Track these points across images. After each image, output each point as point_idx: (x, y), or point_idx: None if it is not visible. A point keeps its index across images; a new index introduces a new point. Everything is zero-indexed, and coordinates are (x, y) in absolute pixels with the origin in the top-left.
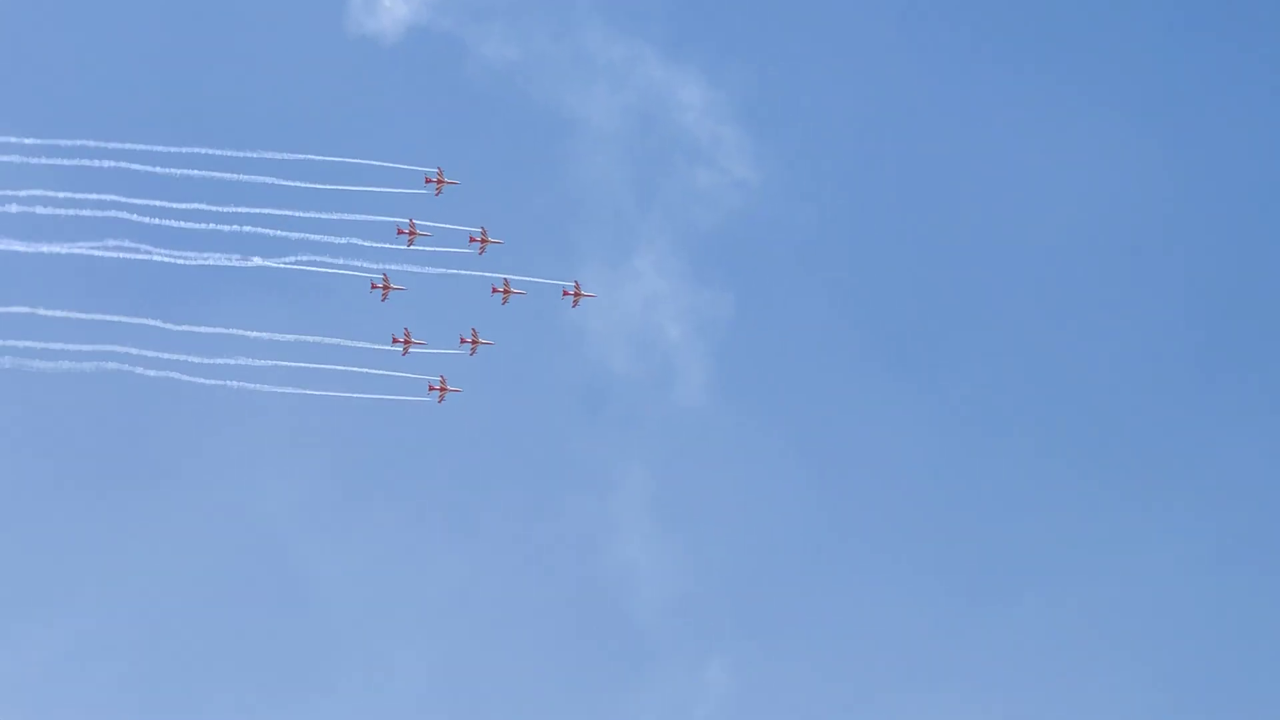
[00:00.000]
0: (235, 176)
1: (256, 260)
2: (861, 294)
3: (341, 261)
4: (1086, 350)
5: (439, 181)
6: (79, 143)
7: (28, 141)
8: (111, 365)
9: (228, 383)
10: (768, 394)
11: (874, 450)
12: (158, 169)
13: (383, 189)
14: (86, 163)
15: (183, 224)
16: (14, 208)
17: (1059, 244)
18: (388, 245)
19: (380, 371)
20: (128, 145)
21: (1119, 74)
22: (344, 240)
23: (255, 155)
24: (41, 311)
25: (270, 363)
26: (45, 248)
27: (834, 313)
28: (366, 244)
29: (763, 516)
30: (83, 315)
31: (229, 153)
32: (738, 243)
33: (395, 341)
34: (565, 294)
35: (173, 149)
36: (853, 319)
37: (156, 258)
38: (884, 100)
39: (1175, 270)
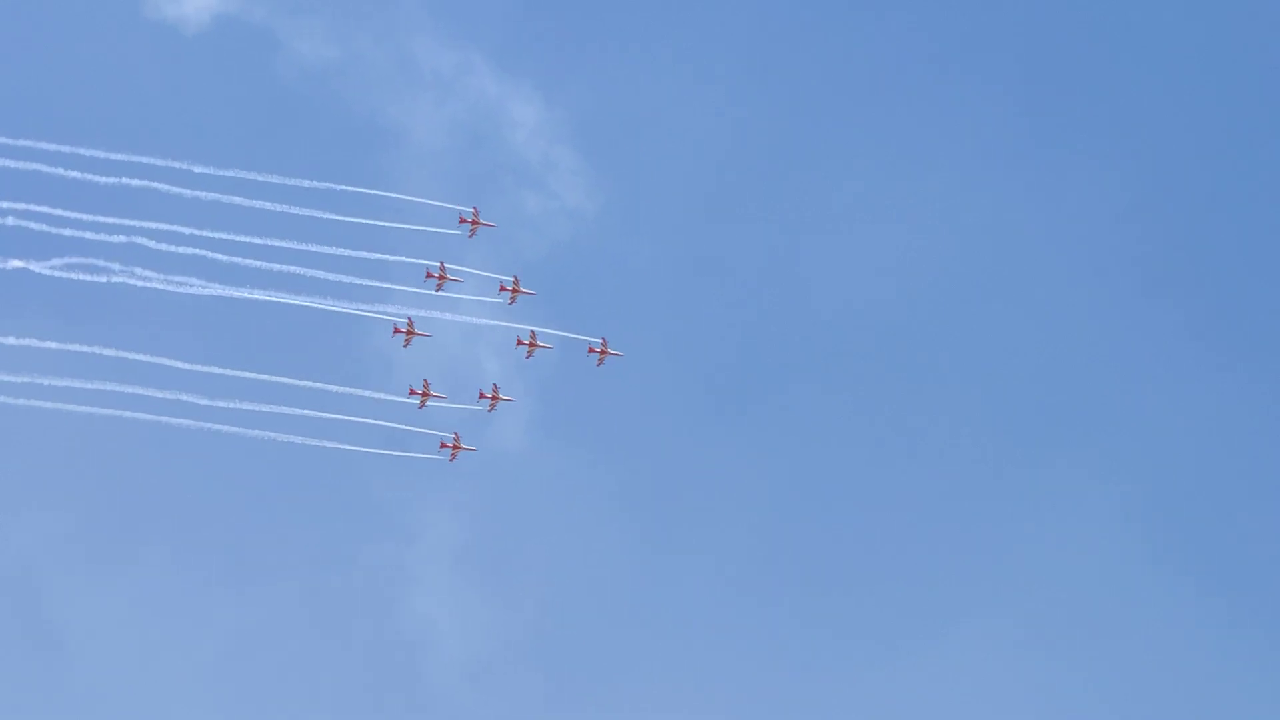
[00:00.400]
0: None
1: (15, 263)
2: (696, 333)
3: (118, 266)
4: (924, 392)
5: (474, 223)
6: None
7: None
8: None
9: None
10: (593, 438)
11: (709, 499)
12: None
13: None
14: None
15: None
16: None
17: (903, 280)
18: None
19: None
20: None
21: (971, 111)
22: (122, 240)
23: (23, 144)
24: None
25: (25, 379)
26: None
27: (667, 353)
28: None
29: (583, 573)
30: None
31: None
32: (567, 275)
33: (413, 393)
34: (592, 350)
35: None
36: (687, 359)
37: None
38: (733, 128)
39: (1004, 311)
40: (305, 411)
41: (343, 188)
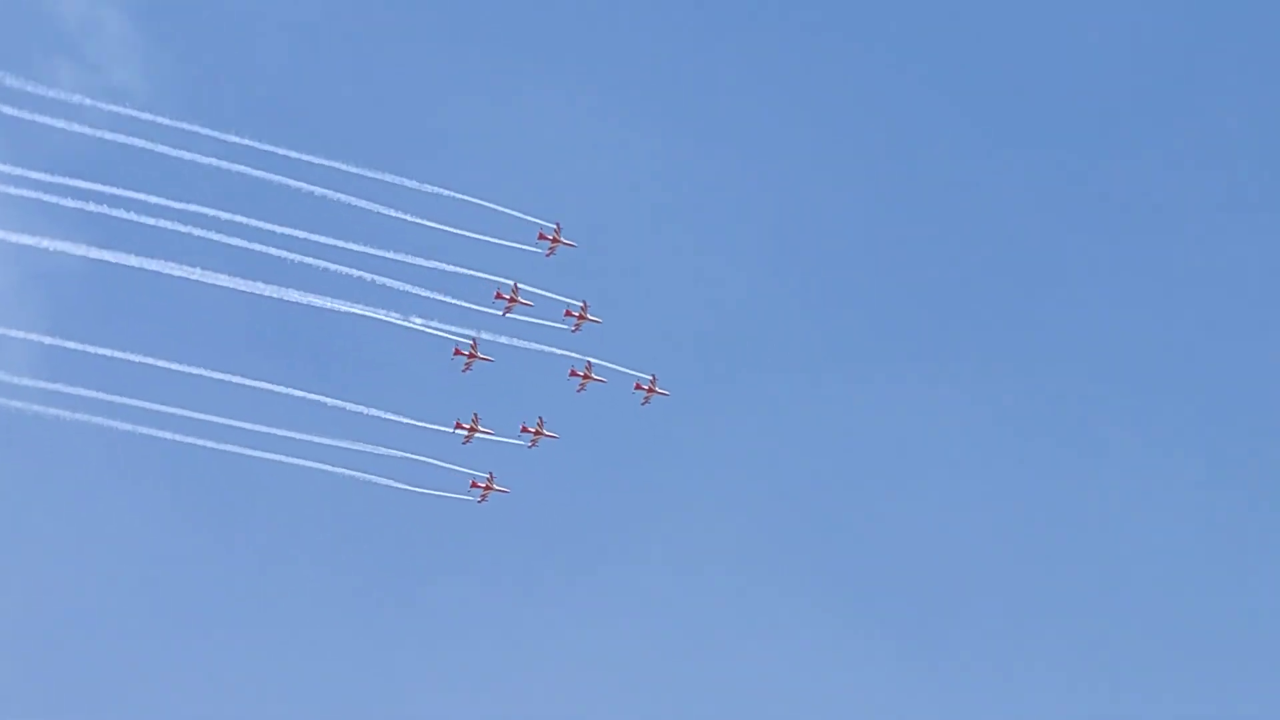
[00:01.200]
0: None
1: None
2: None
3: None
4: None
5: (554, 240)
6: None
7: None
8: None
9: None
10: (129, 377)
11: (268, 470)
12: None
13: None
14: None
15: None
16: None
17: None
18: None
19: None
20: None
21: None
22: None
23: None
24: None
25: None
26: None
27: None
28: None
29: (107, 550)
30: None
31: None
32: (103, 171)
33: (459, 427)
34: (639, 388)
35: None
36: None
37: None
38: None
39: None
40: None
41: None
